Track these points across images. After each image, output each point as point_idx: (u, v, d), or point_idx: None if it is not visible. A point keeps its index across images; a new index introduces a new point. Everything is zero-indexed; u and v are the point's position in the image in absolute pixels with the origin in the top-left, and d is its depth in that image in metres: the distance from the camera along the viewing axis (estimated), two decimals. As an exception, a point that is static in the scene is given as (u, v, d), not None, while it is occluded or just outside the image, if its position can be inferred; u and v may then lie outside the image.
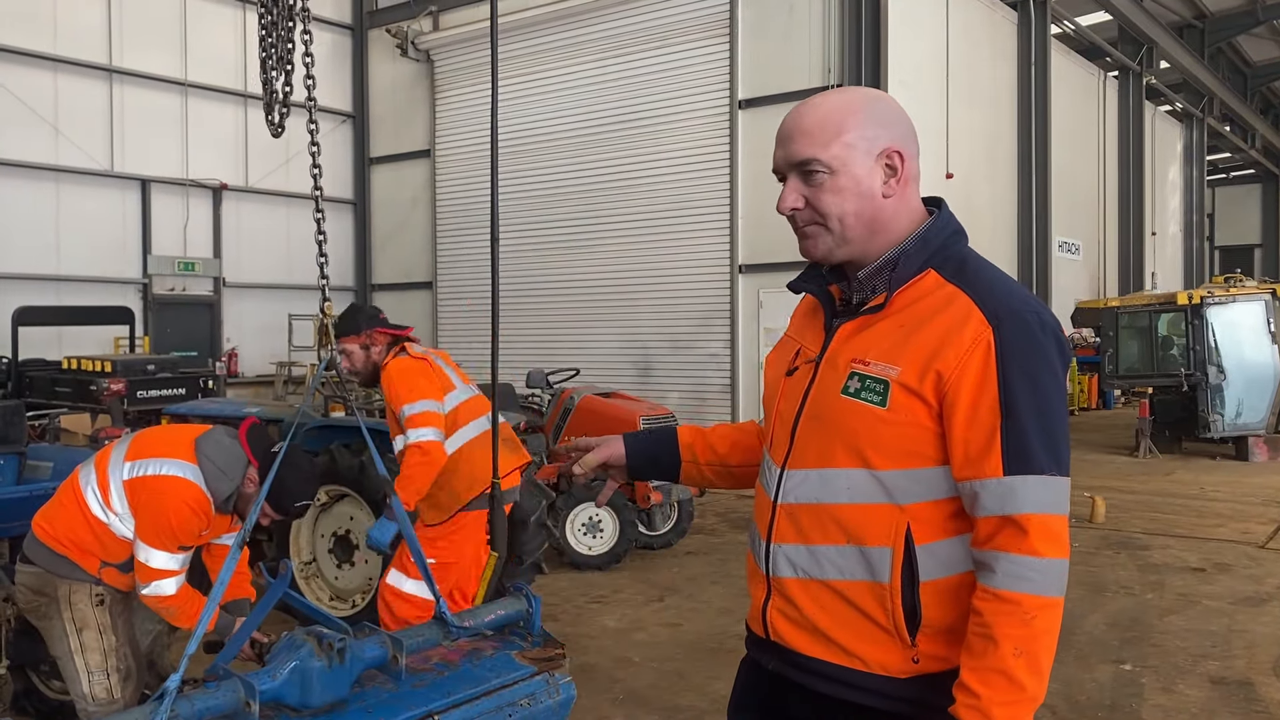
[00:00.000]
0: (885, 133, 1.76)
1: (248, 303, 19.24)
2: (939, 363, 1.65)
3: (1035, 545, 1.59)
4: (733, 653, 5.60)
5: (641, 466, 2.19)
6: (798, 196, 1.78)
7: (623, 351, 16.87)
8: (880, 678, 1.72)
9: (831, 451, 1.75)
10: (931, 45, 16.52)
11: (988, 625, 1.60)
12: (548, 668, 2.60)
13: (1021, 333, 1.65)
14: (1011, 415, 1.62)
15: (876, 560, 1.70)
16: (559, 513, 7.58)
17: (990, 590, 1.61)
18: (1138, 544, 8.60)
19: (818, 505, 1.77)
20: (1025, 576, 1.59)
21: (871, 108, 1.78)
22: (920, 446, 1.68)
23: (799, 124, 1.78)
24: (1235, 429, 14.12)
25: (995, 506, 1.62)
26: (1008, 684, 1.59)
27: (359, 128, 21.09)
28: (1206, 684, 5.24)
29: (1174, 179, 30.82)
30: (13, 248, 15.91)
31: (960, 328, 1.66)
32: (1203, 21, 28.29)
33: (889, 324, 1.74)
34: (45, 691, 4.52)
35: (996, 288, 1.71)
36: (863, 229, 1.77)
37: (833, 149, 1.74)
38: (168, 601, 3.49)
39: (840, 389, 1.75)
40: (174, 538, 3.45)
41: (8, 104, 15.81)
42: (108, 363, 11.39)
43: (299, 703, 2.28)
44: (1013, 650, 1.59)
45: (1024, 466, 1.61)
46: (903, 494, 1.70)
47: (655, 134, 16.68)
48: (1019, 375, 1.63)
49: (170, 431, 3.82)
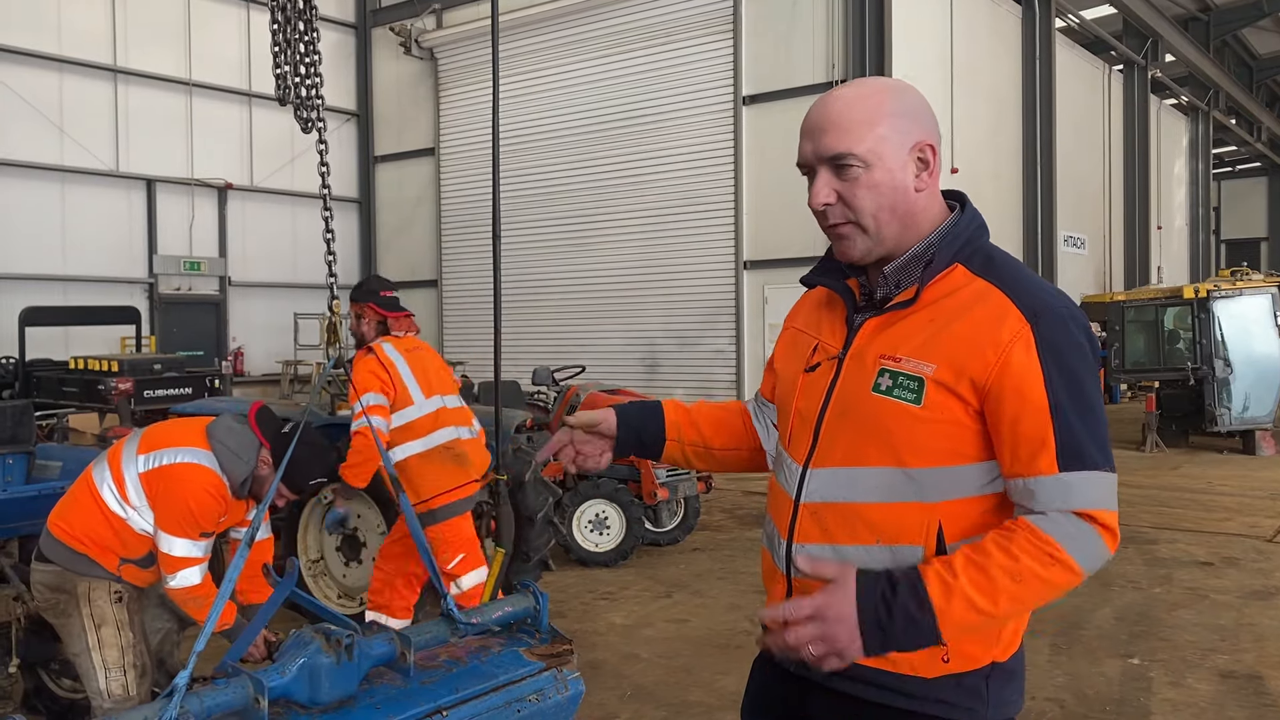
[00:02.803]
0: (917, 125, 1.72)
1: (253, 302, 19.29)
2: (977, 359, 1.63)
3: (1096, 527, 1.61)
4: (741, 649, 5.60)
5: (627, 439, 2.10)
6: (830, 191, 1.72)
7: (628, 348, 16.89)
8: (909, 678, 1.69)
9: (862, 450, 1.72)
10: (935, 39, 16.49)
11: (1010, 541, 1.57)
12: (556, 664, 2.60)
13: (1059, 328, 1.63)
14: (1060, 412, 1.60)
15: (907, 560, 1.67)
16: (566, 510, 7.59)
17: (1031, 526, 1.58)
18: (1145, 538, 8.58)
19: (845, 505, 1.73)
20: (1070, 535, 1.58)
21: (902, 98, 1.74)
22: (956, 444, 1.66)
23: (830, 116, 1.72)
24: (1242, 423, 14.07)
25: (1055, 503, 1.60)
26: (987, 588, 1.56)
27: (363, 126, 21.12)
28: (1215, 678, 5.24)
29: (1179, 172, 30.75)
30: (19, 248, 15.97)
31: (998, 324, 1.63)
32: (1208, 14, 28.20)
33: (919, 319, 1.71)
34: (55, 690, 4.54)
35: (1029, 283, 1.69)
36: (897, 225, 1.73)
37: (868, 142, 1.68)
38: (195, 591, 3.51)
39: (870, 386, 1.71)
40: (195, 524, 3.48)
41: (13, 105, 15.86)
42: (115, 362, 11.44)
43: (308, 699, 2.28)
44: (1015, 573, 1.56)
45: (1079, 463, 1.60)
46: (936, 492, 1.67)
47: (659, 131, 16.68)
48: (1062, 371, 1.61)
49: (179, 423, 3.84)
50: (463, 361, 16.12)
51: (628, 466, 7.82)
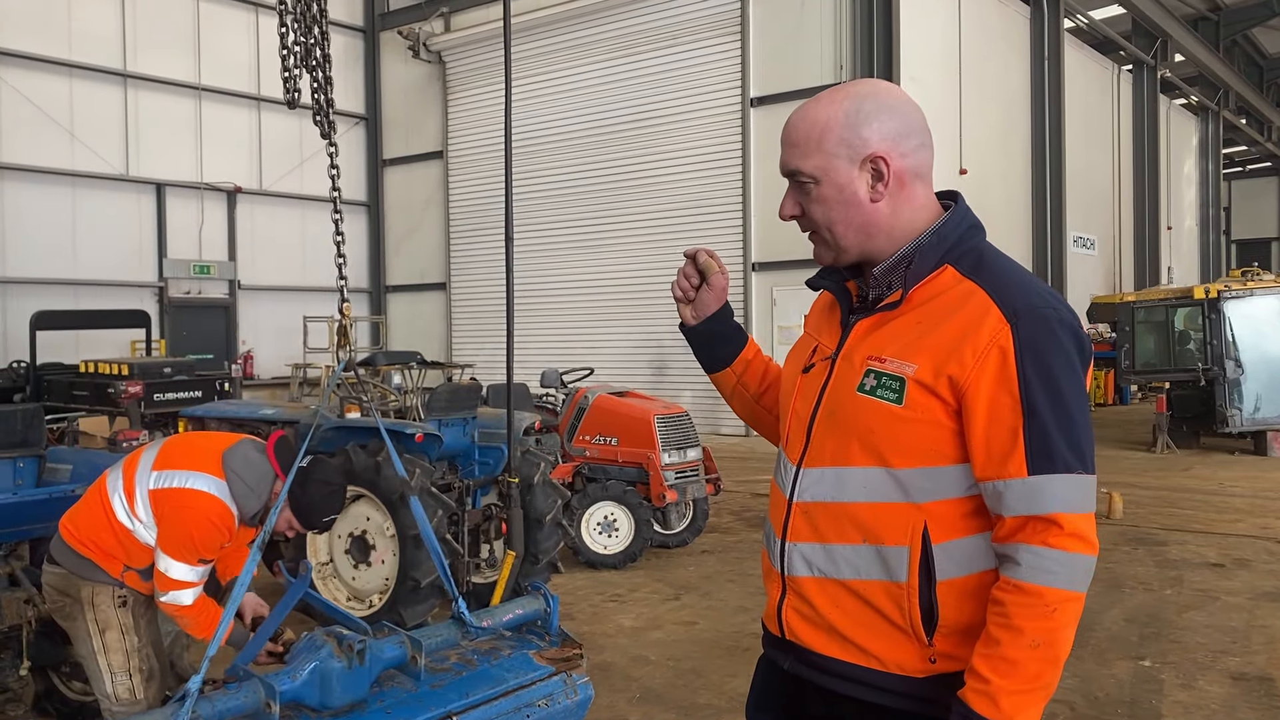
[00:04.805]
0: (872, 137, 1.73)
1: (263, 305, 19.34)
2: (956, 360, 1.64)
3: (1061, 541, 1.59)
4: (750, 651, 5.60)
5: (717, 330, 2.11)
6: (794, 203, 1.82)
7: (637, 350, 16.88)
8: (897, 677, 1.72)
9: (848, 450, 1.74)
10: (943, 40, 16.46)
11: (1008, 615, 1.59)
12: (566, 668, 2.60)
13: (1040, 329, 1.63)
14: (1033, 414, 1.60)
15: (893, 560, 1.69)
16: (574, 512, 7.59)
17: (1013, 582, 1.60)
18: (1156, 540, 8.55)
19: (834, 504, 1.76)
20: (1049, 569, 1.58)
21: (858, 111, 1.74)
22: (938, 445, 1.67)
23: (787, 134, 1.80)
24: (1254, 423, 14.01)
25: (1021, 506, 1.61)
26: (1021, 672, 1.58)
27: (371, 130, 21.17)
28: (1227, 680, 5.21)
29: (1189, 172, 30.64)
30: (30, 252, 16.04)
31: (978, 325, 1.64)
32: (1217, 14, 28.10)
33: (906, 320, 1.73)
34: (66, 692, 4.55)
35: (1014, 283, 1.69)
36: (854, 235, 1.78)
37: (813, 160, 1.75)
38: (183, 611, 3.51)
39: (856, 386, 1.74)
40: (194, 551, 3.47)
41: (24, 110, 15.93)
42: (125, 366, 11.46)
43: (319, 703, 2.29)
44: (1030, 641, 1.58)
45: (1048, 465, 1.60)
46: (920, 492, 1.68)
47: (667, 132, 16.68)
48: (1038, 373, 1.61)
49: (198, 442, 3.80)
50: (471, 364, 16.14)
51: (636, 469, 7.82)
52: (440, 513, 5.75)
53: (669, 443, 7.88)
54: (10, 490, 4.45)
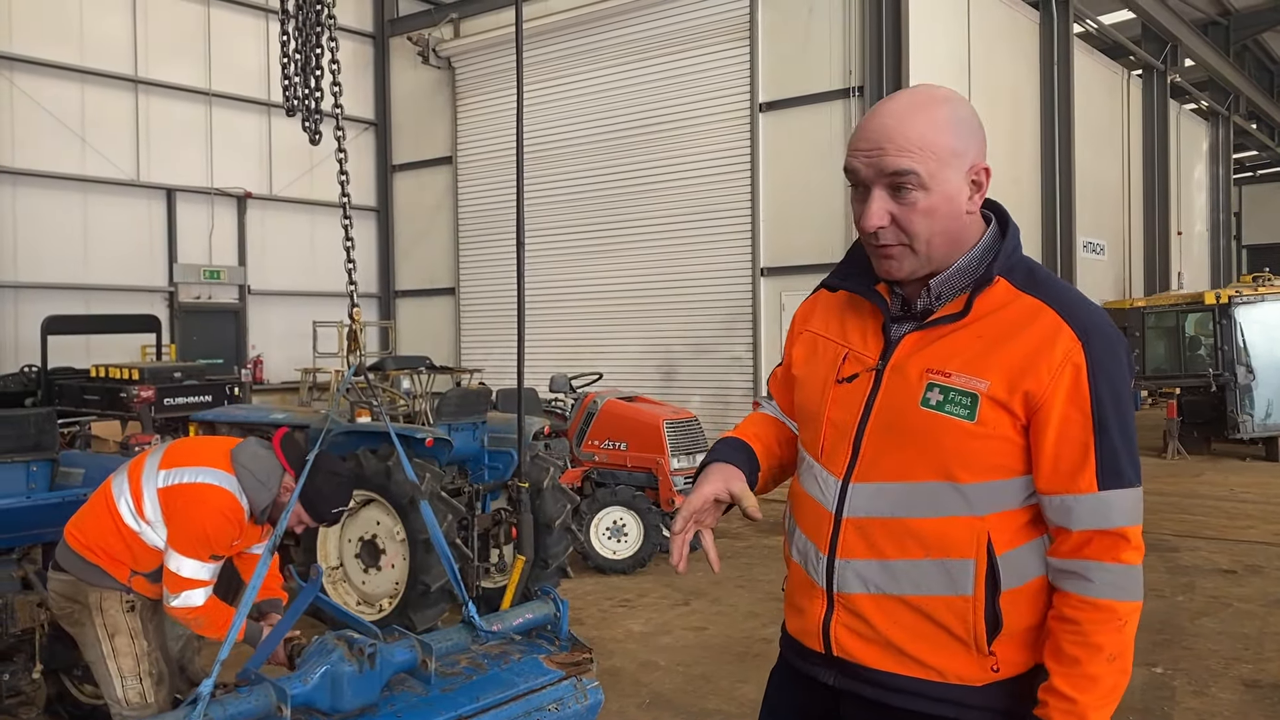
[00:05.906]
0: (975, 146, 1.71)
1: (272, 310, 19.39)
2: (1031, 378, 1.64)
3: (1130, 555, 1.63)
4: (759, 657, 5.59)
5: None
6: (885, 214, 1.68)
7: (645, 355, 16.88)
8: (959, 688, 1.71)
9: (911, 465, 1.71)
10: (952, 45, 16.45)
11: (1085, 633, 1.62)
12: (576, 672, 2.61)
13: (1108, 349, 1.65)
14: (1104, 431, 1.63)
15: (959, 573, 1.68)
16: (583, 517, 7.59)
17: (1086, 599, 1.63)
18: (1167, 546, 8.51)
19: (893, 520, 1.72)
20: (1120, 585, 1.63)
21: (960, 119, 1.70)
22: (1006, 459, 1.67)
23: (891, 129, 1.66)
24: (1265, 429, 13.96)
25: (1091, 520, 1.63)
26: (1102, 686, 1.62)
27: (381, 135, 21.22)
28: (1239, 687, 5.19)
29: (1200, 177, 30.52)
30: (42, 257, 16.11)
31: (1051, 342, 1.64)
32: (1227, 18, 28.01)
33: (967, 334, 1.70)
34: (78, 696, 4.57)
35: (1076, 301, 1.70)
36: (947, 247, 1.72)
37: (930, 164, 1.65)
38: (195, 613, 3.51)
39: (918, 401, 1.70)
40: (207, 545, 3.47)
41: (36, 115, 16.01)
42: (136, 370, 11.50)
43: (330, 707, 2.29)
44: (1109, 655, 1.62)
45: (1117, 481, 1.63)
46: (983, 505, 1.68)
47: (676, 138, 16.68)
48: (1109, 392, 1.64)
49: (204, 442, 3.84)
50: (480, 369, 16.16)
51: (645, 474, 7.82)
52: (450, 517, 5.76)
53: (678, 447, 7.88)
54: (24, 494, 4.46)
